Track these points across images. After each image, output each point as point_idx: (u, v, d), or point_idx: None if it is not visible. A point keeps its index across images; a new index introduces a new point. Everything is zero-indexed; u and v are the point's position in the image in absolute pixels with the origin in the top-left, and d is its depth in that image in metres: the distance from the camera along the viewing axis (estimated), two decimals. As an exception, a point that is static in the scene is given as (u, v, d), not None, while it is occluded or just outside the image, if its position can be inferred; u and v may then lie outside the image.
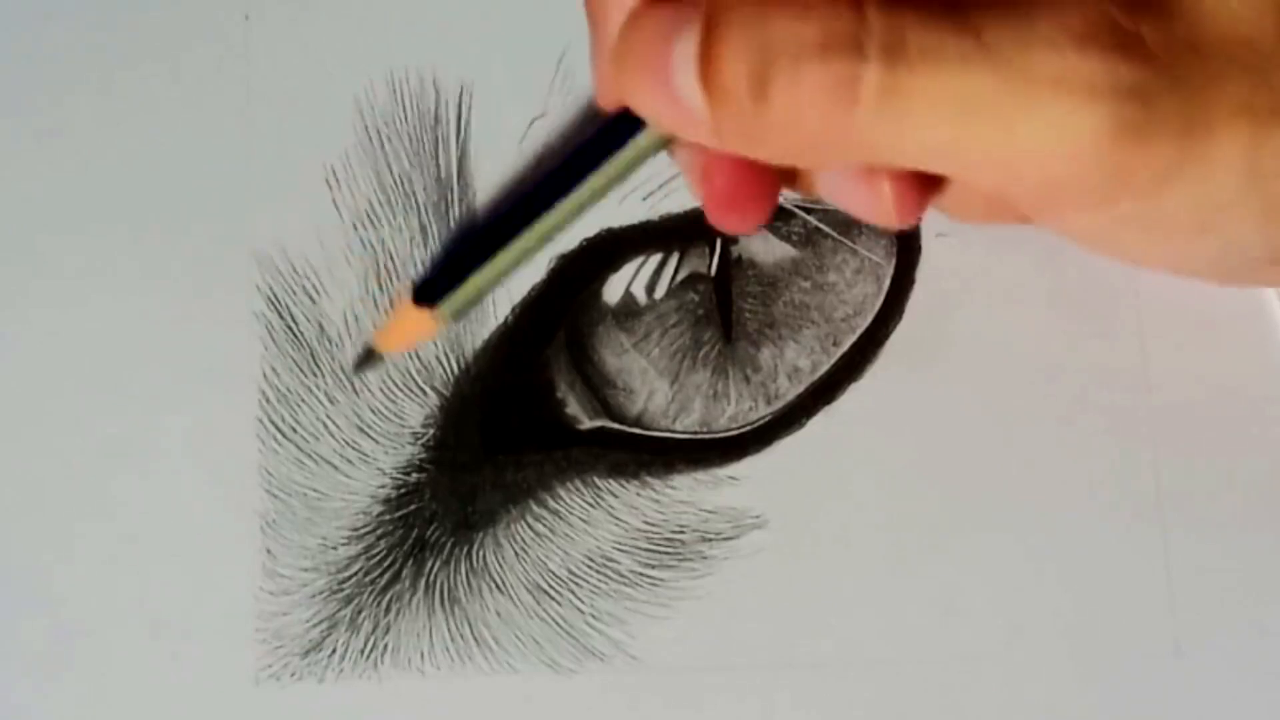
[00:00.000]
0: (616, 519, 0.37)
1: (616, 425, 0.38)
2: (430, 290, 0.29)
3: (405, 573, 0.37)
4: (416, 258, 0.38)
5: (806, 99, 0.25)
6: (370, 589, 0.37)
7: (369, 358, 0.31)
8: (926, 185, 0.28)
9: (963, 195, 0.29)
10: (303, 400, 0.38)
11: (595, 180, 0.28)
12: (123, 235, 0.39)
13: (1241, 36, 0.26)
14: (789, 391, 0.38)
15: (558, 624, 0.37)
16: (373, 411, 0.38)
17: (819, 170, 0.29)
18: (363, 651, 0.37)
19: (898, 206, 0.28)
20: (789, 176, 0.30)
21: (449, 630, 0.37)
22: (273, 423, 0.37)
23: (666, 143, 0.28)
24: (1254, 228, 0.27)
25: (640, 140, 0.28)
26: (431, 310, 0.29)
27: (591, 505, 0.37)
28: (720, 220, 0.30)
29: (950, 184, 0.29)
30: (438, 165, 0.38)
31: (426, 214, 0.38)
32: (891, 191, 0.28)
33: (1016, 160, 0.26)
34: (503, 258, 0.29)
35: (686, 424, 0.38)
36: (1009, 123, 0.25)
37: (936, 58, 0.25)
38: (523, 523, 0.37)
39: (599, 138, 0.28)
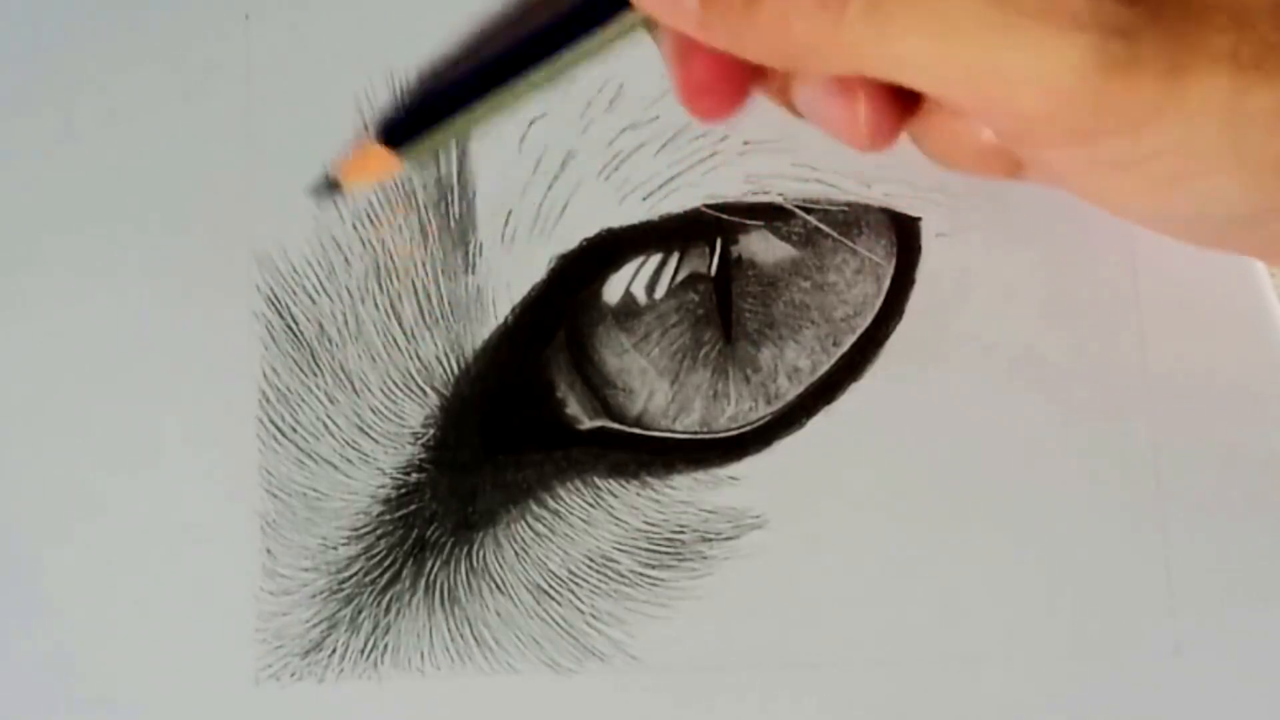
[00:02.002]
0: (616, 519, 0.37)
1: (616, 425, 0.38)
2: (395, 131, 0.30)
3: (405, 573, 0.37)
4: (416, 258, 0.38)
5: (795, 3, 0.26)
6: (370, 589, 0.37)
7: (329, 186, 0.31)
8: (902, 109, 0.29)
9: (944, 129, 0.29)
10: (303, 400, 0.38)
11: (574, 52, 0.29)
12: (123, 235, 0.39)
13: None
14: (789, 391, 0.37)
15: (558, 624, 0.37)
16: (373, 411, 0.38)
17: (799, 78, 0.29)
18: (363, 651, 0.37)
19: (870, 126, 0.29)
20: (767, 80, 0.30)
21: (449, 630, 0.37)
22: (273, 423, 0.37)
23: (650, 24, 0.29)
24: (1231, 180, 0.27)
25: (624, 18, 0.28)
26: (394, 150, 0.29)
27: (591, 505, 0.37)
28: (690, 105, 0.30)
29: (929, 116, 0.29)
30: (438, 165, 0.38)
31: (426, 214, 0.38)
32: (866, 110, 0.29)
33: (997, 85, 0.26)
34: (473, 112, 0.29)
35: (686, 424, 0.38)
36: (993, 46, 0.26)
37: None
38: (523, 523, 0.37)
39: (581, 11, 0.29)
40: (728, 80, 0.30)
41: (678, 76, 0.30)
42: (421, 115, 0.30)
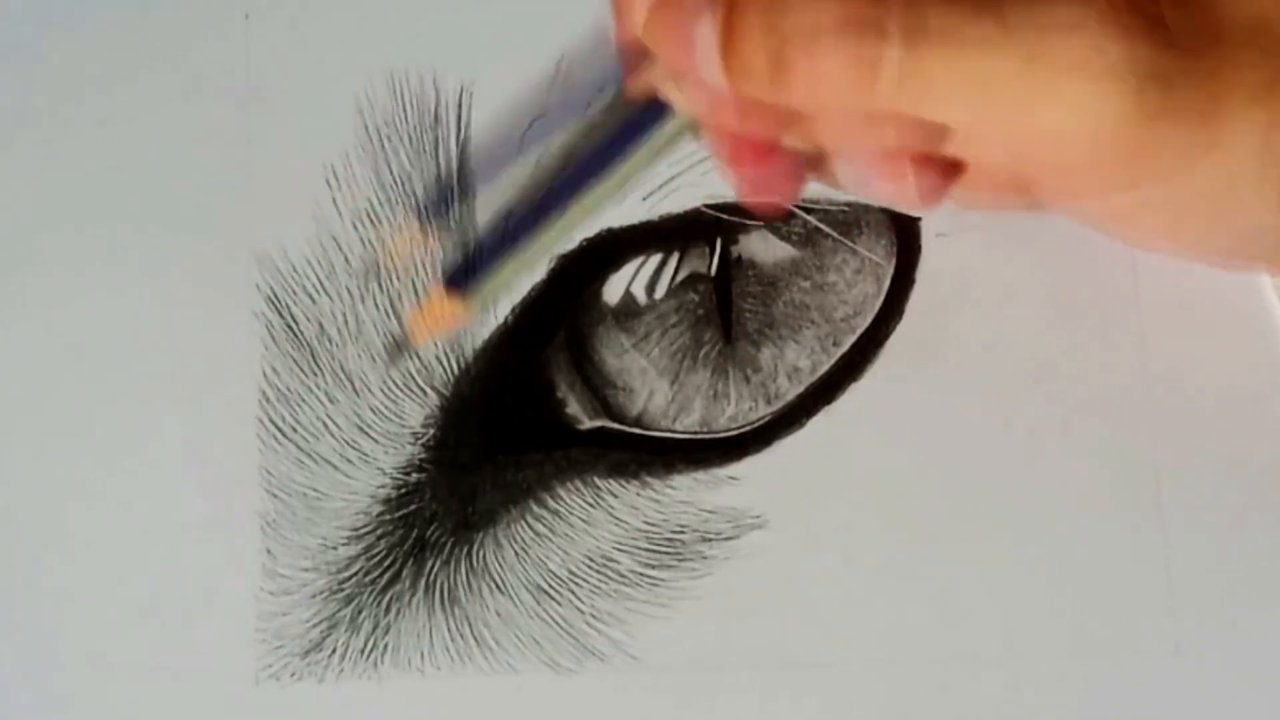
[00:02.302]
0: (616, 519, 0.37)
1: (616, 425, 0.38)
2: (459, 280, 0.30)
3: (405, 573, 0.37)
4: (416, 258, 0.38)
5: (825, 78, 0.25)
6: (370, 589, 0.37)
7: (401, 348, 0.31)
8: (949, 166, 0.28)
9: (973, 178, 0.29)
10: (303, 400, 0.38)
11: (624, 167, 0.29)
12: (123, 235, 0.39)
13: (1260, 21, 0.26)
14: (789, 391, 0.37)
15: (558, 624, 0.37)
16: (373, 411, 0.38)
17: (838, 152, 0.29)
18: (363, 651, 0.37)
19: (921, 189, 0.28)
20: (813, 165, 0.30)
21: (449, 630, 0.37)
22: (273, 423, 0.37)
23: (694, 128, 0.28)
24: (1270, 213, 0.27)
25: (666, 127, 0.28)
26: (463, 298, 0.30)
27: (591, 505, 0.37)
28: (752, 202, 0.30)
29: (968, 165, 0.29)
30: (438, 165, 0.38)
31: (426, 214, 0.38)
32: (914, 174, 0.28)
33: (1036, 141, 0.26)
34: (534, 244, 0.29)
35: (686, 424, 0.38)
36: (1029, 104, 0.25)
37: (958, 38, 0.25)
38: (523, 523, 0.37)
39: (626, 127, 0.29)
40: (779, 170, 0.30)
41: (733, 178, 0.30)
42: (484, 261, 0.30)
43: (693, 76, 0.27)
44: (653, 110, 0.28)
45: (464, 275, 0.30)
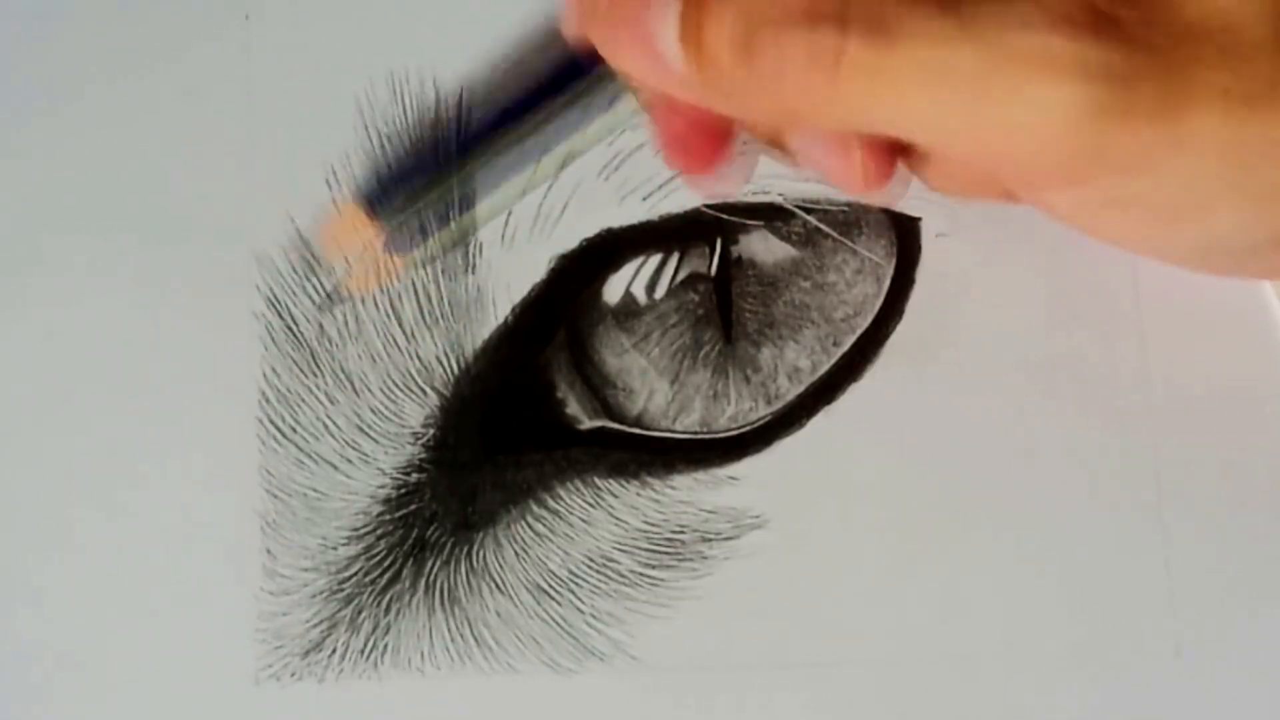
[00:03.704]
0: (616, 519, 0.37)
1: (616, 425, 0.38)
2: (376, 201, 0.30)
3: (405, 573, 0.37)
4: (416, 258, 0.38)
5: (788, 67, 0.26)
6: (370, 589, 0.37)
7: (334, 299, 0.32)
8: (897, 155, 0.29)
9: (944, 168, 0.30)
10: (303, 400, 0.38)
11: (559, 122, 0.29)
12: (123, 235, 0.39)
13: (1220, 21, 0.26)
14: (789, 391, 0.37)
15: (558, 624, 0.37)
16: (373, 411, 0.38)
17: (793, 133, 0.29)
18: (363, 651, 0.37)
19: (866, 174, 0.29)
20: (756, 131, 0.30)
21: (449, 630, 0.37)
22: (273, 423, 0.37)
23: (633, 86, 0.29)
24: (1233, 212, 0.27)
25: (605, 83, 0.28)
26: (377, 220, 0.30)
27: (591, 505, 0.37)
28: (674, 161, 0.30)
29: (927, 155, 0.29)
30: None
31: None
32: (862, 159, 0.29)
33: (993, 136, 0.26)
34: (458, 176, 0.29)
35: (686, 424, 0.38)
36: (986, 99, 0.26)
37: (916, 33, 0.25)
38: (523, 523, 0.37)
39: (560, 73, 0.29)
40: (712, 133, 0.30)
41: (660, 132, 0.30)
42: (404, 184, 0.30)
43: (649, 54, 0.27)
44: (588, 62, 0.28)
45: (381, 196, 0.30)
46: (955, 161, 0.29)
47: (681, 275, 0.38)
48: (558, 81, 0.29)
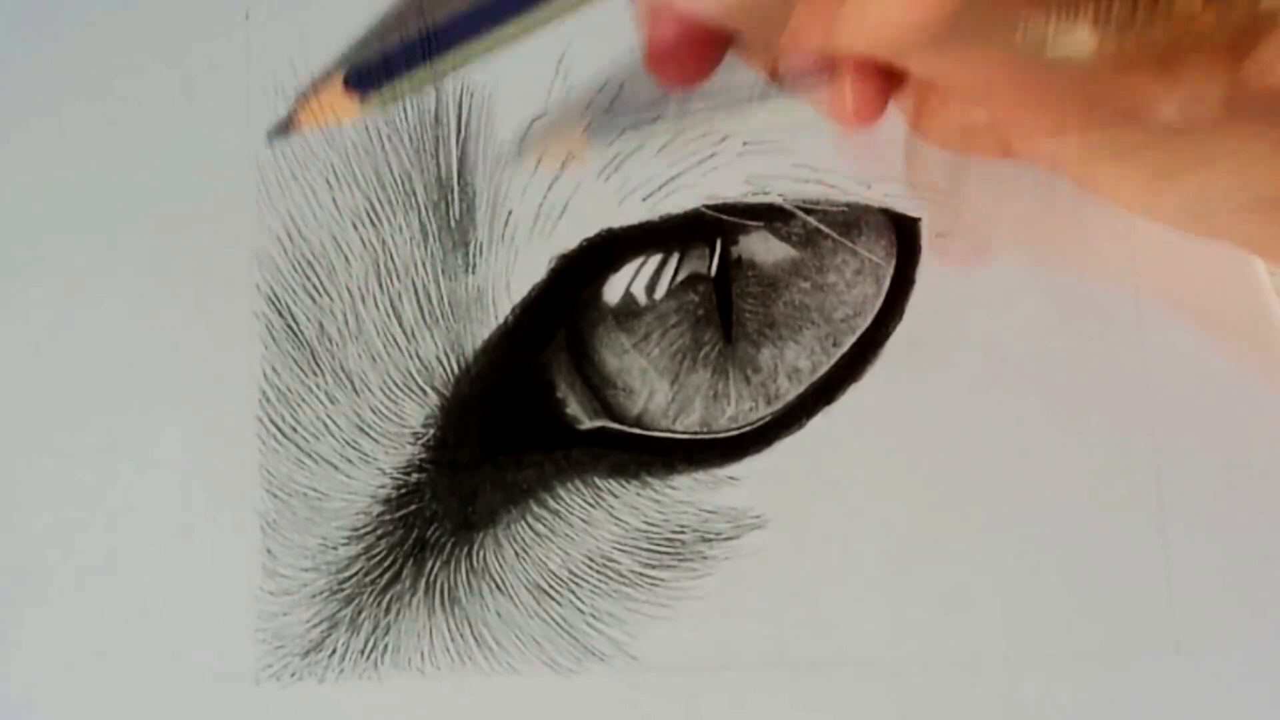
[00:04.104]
0: (616, 519, 0.37)
1: (617, 425, 0.38)
2: (360, 78, 0.30)
3: (405, 573, 0.37)
4: (417, 258, 0.38)
5: None
6: (370, 589, 0.37)
7: (286, 126, 0.31)
8: (888, 85, 0.29)
9: (939, 112, 0.30)
10: (303, 400, 0.38)
11: (548, 8, 0.29)
12: (123, 235, 0.39)
13: None
14: (789, 392, 0.38)
15: (558, 624, 0.37)
16: (373, 411, 0.38)
17: (789, 52, 0.29)
18: (363, 651, 0.37)
19: (857, 102, 0.29)
20: (747, 49, 0.30)
21: (449, 630, 0.37)
22: (273, 423, 0.37)
23: None
24: (1225, 170, 0.27)
25: None
26: (359, 97, 0.30)
27: (591, 505, 0.37)
28: (655, 68, 0.30)
29: (921, 94, 0.29)
30: (438, 165, 0.38)
31: (426, 214, 0.38)
32: (852, 90, 0.29)
33: (1001, 76, 0.26)
34: (440, 64, 0.29)
35: (686, 424, 0.38)
36: (993, 37, 0.25)
37: None
38: (523, 523, 0.37)
39: None
40: (701, 46, 0.30)
41: (650, 41, 0.30)
42: (389, 66, 0.30)
43: None
44: None
45: (366, 75, 0.30)
46: (947, 100, 0.29)
47: (681, 275, 0.38)
48: None
